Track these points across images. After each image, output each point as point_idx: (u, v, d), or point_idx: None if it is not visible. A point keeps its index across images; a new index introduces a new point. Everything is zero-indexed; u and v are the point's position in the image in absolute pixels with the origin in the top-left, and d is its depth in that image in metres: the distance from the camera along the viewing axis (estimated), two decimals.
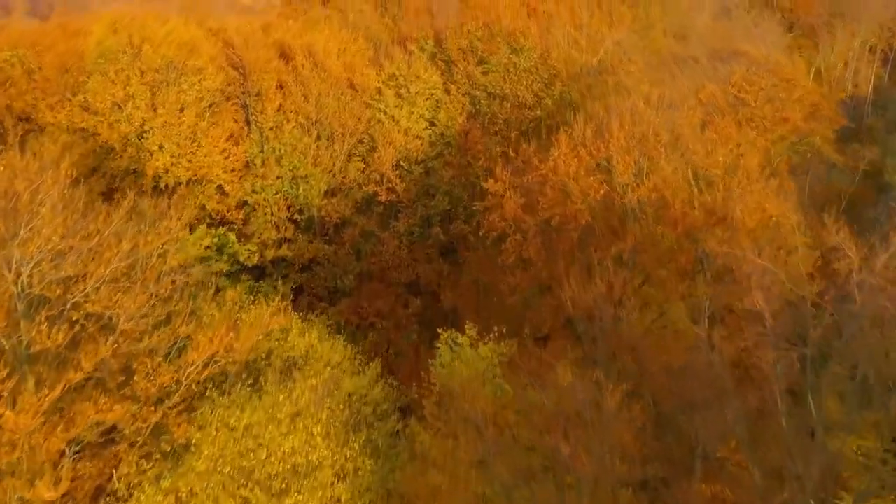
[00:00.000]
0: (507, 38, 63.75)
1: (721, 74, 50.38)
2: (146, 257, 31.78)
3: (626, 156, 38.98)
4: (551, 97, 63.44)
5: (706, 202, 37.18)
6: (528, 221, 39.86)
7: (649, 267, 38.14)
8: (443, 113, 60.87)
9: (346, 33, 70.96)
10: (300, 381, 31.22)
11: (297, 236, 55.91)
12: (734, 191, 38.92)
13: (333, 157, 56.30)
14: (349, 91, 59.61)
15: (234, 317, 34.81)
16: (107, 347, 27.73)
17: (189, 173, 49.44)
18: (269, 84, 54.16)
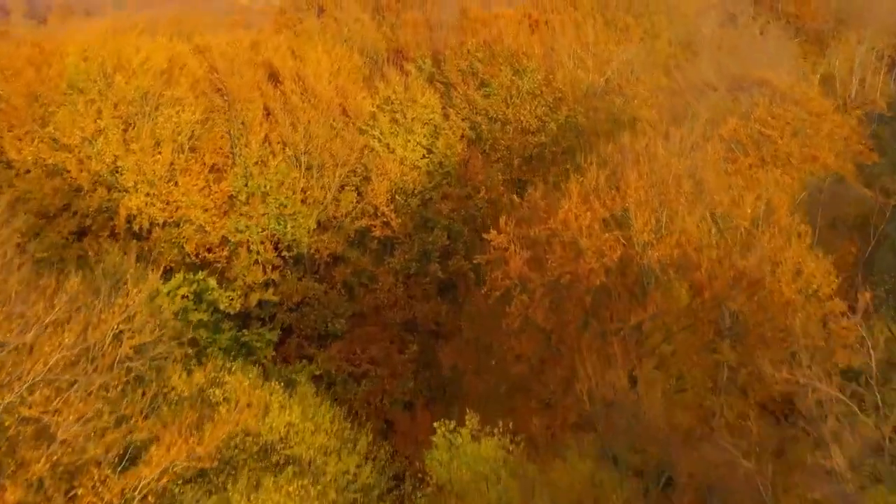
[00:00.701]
0: (510, 59, 58.73)
1: (743, 106, 45.44)
2: (97, 344, 26.96)
3: (644, 208, 34.14)
4: (556, 121, 58.53)
5: (735, 264, 32.32)
6: (535, 280, 35.03)
7: (672, 337, 33.35)
8: (441, 140, 55.94)
9: (340, 50, 66.05)
10: (273, 489, 26.41)
11: (286, 273, 51.14)
12: (765, 246, 34.18)
13: (324, 190, 51.45)
14: (341, 117, 54.72)
15: (200, 408, 29.95)
16: (41, 466, 22.93)
17: (165, 214, 44.61)
18: (254, 114, 49.20)
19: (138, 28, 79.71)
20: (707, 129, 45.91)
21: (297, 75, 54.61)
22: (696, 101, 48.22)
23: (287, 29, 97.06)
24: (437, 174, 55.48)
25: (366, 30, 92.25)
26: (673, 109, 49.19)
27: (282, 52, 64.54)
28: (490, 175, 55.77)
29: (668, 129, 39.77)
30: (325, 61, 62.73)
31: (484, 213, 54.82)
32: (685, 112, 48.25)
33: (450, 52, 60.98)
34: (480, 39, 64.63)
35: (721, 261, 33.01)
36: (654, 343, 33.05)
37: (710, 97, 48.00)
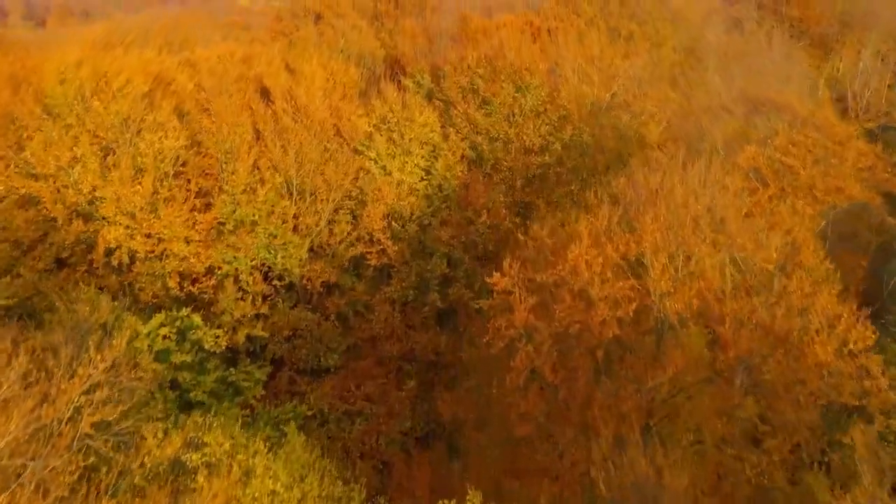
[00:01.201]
0: (512, 76, 55.36)
1: (760, 131, 42.14)
2: (54, 421, 23.73)
3: (662, 254, 30.90)
4: (560, 140, 55.18)
5: (762, 319, 29.07)
6: (542, 331, 31.76)
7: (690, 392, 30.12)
8: (440, 161, 52.66)
9: (335, 63, 62.73)
10: None
11: (277, 302, 47.95)
12: (792, 296, 30.97)
13: (317, 216, 48.17)
14: (335, 138, 51.42)
15: (176, 477, 26.77)
16: None
17: (147, 247, 41.29)
18: (243, 138, 45.82)
19: (129, 37, 76.55)
20: (724, 158, 42.62)
21: (289, 94, 51.27)
22: (710, 123, 44.85)
23: (283, 36, 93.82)
24: (436, 198, 52.25)
25: (363, 37, 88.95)
26: (685, 133, 45.83)
27: (275, 67, 61.33)
28: (492, 198, 52.46)
29: (684, 160, 36.33)
30: (320, 76, 59.52)
31: (485, 239, 51.61)
32: (698, 135, 44.87)
33: (449, 67, 57.58)
34: (481, 52, 61.28)
35: (745, 313, 29.75)
36: (672, 402, 29.80)
37: (724, 120, 44.61)
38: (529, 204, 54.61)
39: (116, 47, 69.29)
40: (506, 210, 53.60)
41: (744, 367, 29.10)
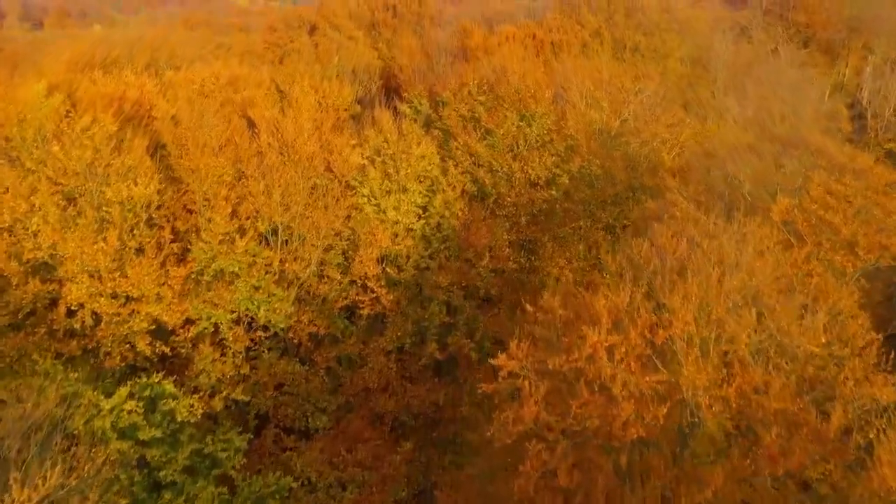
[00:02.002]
0: (516, 104, 50.38)
1: (790, 176, 37.21)
2: None
3: (694, 345, 26.06)
4: (568, 173, 50.24)
5: (817, 429, 24.23)
6: (556, 428, 26.90)
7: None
8: (439, 197, 47.73)
9: (328, 85, 57.83)
10: None
11: (261, 353, 43.21)
12: (845, 391, 26.16)
13: (304, 262, 43.32)
14: (326, 173, 46.48)
15: None
16: None
17: (113, 308, 36.38)
18: (220, 183, 40.85)
19: (114, 52, 71.54)
20: (751, 205, 37.72)
21: (275, 127, 46.26)
22: (730, 160, 39.92)
23: (277, 48, 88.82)
24: (435, 239, 47.38)
25: (360, 50, 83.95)
26: (707, 177, 40.83)
27: (263, 90, 56.41)
28: (495, 237, 47.59)
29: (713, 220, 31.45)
30: (310, 102, 54.72)
31: (488, 283, 46.82)
32: (721, 176, 39.93)
33: (449, 93, 52.58)
34: (482, 75, 56.34)
35: (796, 415, 24.91)
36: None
37: (747, 159, 39.67)
38: (535, 242, 49.82)
39: (97, 67, 64.43)
40: (509, 248, 48.85)
41: (796, 485, 24.33)
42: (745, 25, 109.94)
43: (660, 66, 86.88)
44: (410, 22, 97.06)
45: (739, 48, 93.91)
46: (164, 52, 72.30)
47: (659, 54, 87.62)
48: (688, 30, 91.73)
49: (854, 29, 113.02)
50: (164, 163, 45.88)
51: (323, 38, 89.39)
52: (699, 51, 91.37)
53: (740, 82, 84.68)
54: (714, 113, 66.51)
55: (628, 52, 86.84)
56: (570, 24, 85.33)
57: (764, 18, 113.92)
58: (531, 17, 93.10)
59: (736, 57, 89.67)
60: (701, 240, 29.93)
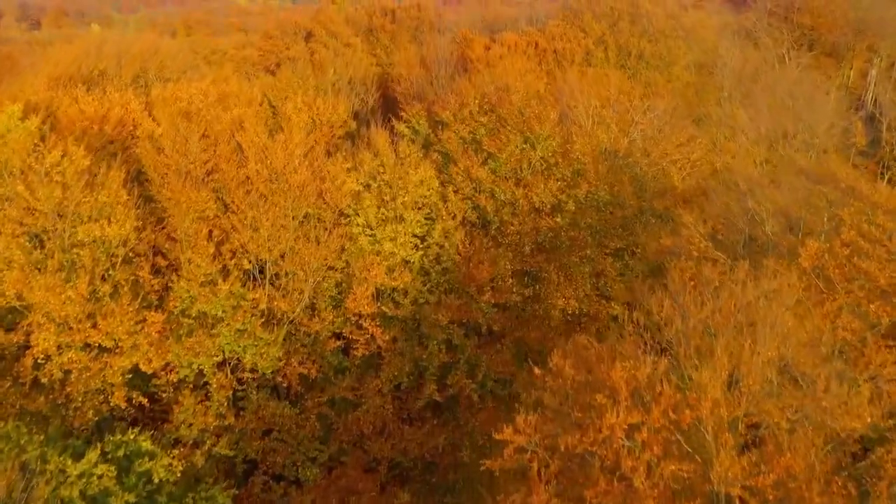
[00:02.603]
0: (519, 126, 46.99)
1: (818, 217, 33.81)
2: None
3: (724, 428, 22.77)
4: (574, 199, 46.85)
5: None
6: None
7: None
8: (438, 226, 44.42)
9: (322, 103, 54.40)
10: None
11: (249, 394, 39.91)
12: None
13: (294, 302, 39.98)
14: (318, 202, 43.09)
15: None
16: None
17: (84, 360, 33.06)
18: (203, 220, 37.45)
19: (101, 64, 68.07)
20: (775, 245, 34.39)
21: (264, 153, 42.85)
22: (753, 196, 36.53)
23: (272, 55, 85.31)
24: (434, 271, 44.10)
25: (356, 58, 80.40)
26: (726, 211, 37.43)
27: (254, 109, 52.99)
28: (498, 269, 44.30)
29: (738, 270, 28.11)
30: (302, 122, 51.40)
31: (490, 319, 43.50)
32: (742, 212, 36.54)
33: (448, 114, 49.16)
34: (483, 90, 52.99)
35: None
36: None
37: (771, 196, 36.27)
38: (539, 273, 46.47)
39: (82, 82, 61.03)
40: (512, 279, 45.57)
41: None
42: (751, 30, 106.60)
43: (665, 74, 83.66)
44: (409, 27, 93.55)
45: (746, 54, 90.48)
46: (153, 62, 68.74)
47: (664, 62, 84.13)
48: (693, 36, 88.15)
49: (860, 31, 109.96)
50: (145, 191, 42.60)
51: (319, 45, 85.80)
52: (705, 56, 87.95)
53: (748, 89, 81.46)
54: (725, 129, 63.05)
55: (633, 59, 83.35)
56: (573, 32, 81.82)
57: (768, 21, 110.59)
58: (533, 22, 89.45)
59: (743, 64, 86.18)
60: (726, 297, 26.61)
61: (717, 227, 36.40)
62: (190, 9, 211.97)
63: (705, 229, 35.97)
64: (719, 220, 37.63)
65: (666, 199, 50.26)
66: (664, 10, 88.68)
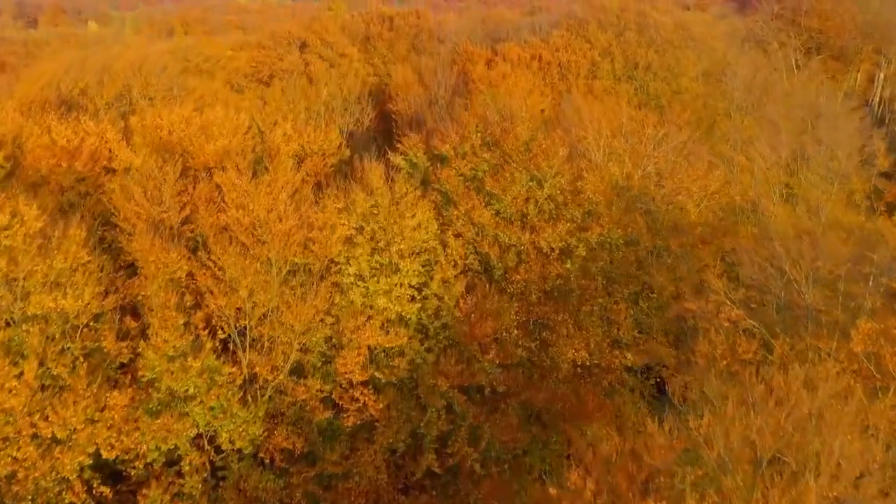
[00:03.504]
0: (525, 164, 42.32)
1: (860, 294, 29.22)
2: None
3: None
4: (585, 243, 42.23)
5: None
6: None
7: None
8: (437, 275, 39.84)
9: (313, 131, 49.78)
10: None
11: (229, 464, 35.39)
12: None
13: (277, 370, 35.41)
14: (305, 253, 38.43)
15: None
16: None
17: (33, 455, 28.51)
18: (169, 294, 32.75)
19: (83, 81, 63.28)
20: (816, 317, 29.77)
21: (245, 199, 38.13)
22: (788, 256, 31.88)
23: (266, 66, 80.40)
24: (432, 327, 39.52)
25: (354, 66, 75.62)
26: (762, 276, 32.74)
27: (239, 138, 48.27)
28: (503, 320, 39.78)
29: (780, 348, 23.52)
30: (292, 148, 46.77)
31: (494, 380, 38.96)
32: (776, 275, 31.89)
33: (448, 147, 44.42)
34: (485, 117, 48.30)
35: None
36: None
37: (808, 253, 31.62)
38: (547, 324, 41.90)
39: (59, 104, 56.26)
40: (518, 331, 41.05)
41: None
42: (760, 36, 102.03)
43: (673, 85, 78.96)
44: (408, 35, 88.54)
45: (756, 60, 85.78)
46: (138, 79, 63.86)
47: (672, 73, 79.26)
48: (703, 46, 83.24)
49: (868, 35, 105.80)
50: (115, 237, 38.04)
51: (314, 55, 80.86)
52: (715, 66, 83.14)
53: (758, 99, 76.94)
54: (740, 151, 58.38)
55: (640, 71, 78.49)
56: (577, 43, 76.89)
57: (775, 23, 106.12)
58: (536, 31, 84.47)
59: (753, 73, 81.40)
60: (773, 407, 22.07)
61: (750, 296, 31.75)
62: (188, 6, 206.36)
63: (736, 297, 31.35)
64: (748, 274, 32.97)
65: (683, 237, 45.81)
66: (672, 18, 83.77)
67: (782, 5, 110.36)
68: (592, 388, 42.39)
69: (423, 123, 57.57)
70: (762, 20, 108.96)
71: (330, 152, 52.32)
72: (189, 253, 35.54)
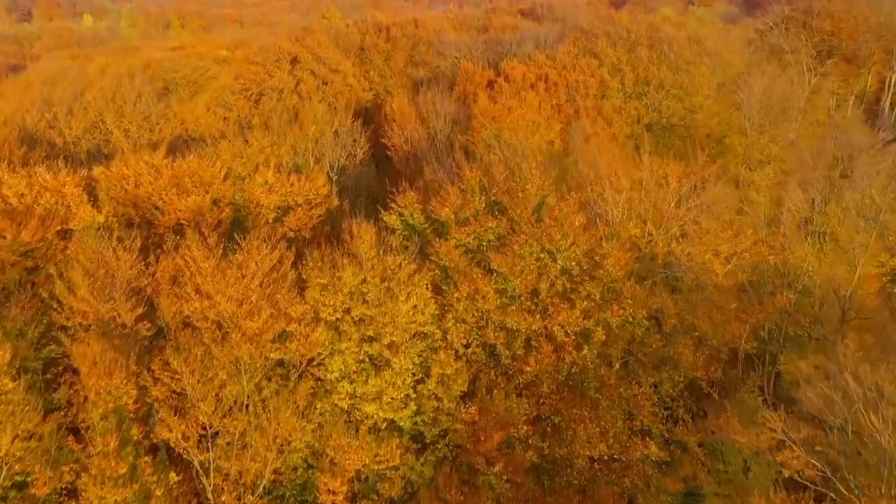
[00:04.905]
0: (537, 235, 35.89)
1: None
2: None
3: None
4: (604, 326, 35.92)
5: None
6: None
7: None
8: (435, 369, 33.63)
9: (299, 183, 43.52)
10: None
11: None
12: None
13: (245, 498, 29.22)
14: (282, 348, 32.11)
15: None
16: None
17: None
18: (109, 426, 26.45)
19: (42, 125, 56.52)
20: None
21: (210, 290, 31.73)
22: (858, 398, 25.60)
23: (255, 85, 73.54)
24: (429, 435, 33.34)
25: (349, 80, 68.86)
26: (822, 402, 26.41)
27: (215, 193, 41.90)
28: (511, 415, 33.61)
29: None
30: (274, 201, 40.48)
31: (500, 496, 32.79)
32: (841, 409, 25.60)
33: (448, 211, 37.88)
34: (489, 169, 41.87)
35: None
36: None
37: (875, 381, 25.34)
38: (560, 424, 35.65)
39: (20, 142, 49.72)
40: (528, 426, 34.85)
41: None
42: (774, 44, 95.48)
43: (687, 103, 72.24)
44: (405, 47, 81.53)
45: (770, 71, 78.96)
46: (112, 107, 57.13)
47: (686, 91, 72.49)
48: (717, 60, 76.46)
49: (882, 37, 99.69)
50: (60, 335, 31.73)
51: (305, 71, 73.96)
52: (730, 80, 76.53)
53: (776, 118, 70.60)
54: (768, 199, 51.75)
55: (652, 89, 71.71)
56: (585, 61, 70.00)
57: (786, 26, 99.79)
58: (540, 43, 77.52)
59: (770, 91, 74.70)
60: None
61: (815, 434, 25.47)
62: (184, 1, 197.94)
63: (798, 432, 25.09)
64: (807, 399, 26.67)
65: (710, 307, 39.50)
66: (685, 31, 76.83)
67: (793, 6, 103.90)
68: (611, 487, 36.27)
69: (420, 161, 51.02)
70: (772, 22, 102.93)
71: (317, 201, 45.90)
72: (146, 355, 29.20)
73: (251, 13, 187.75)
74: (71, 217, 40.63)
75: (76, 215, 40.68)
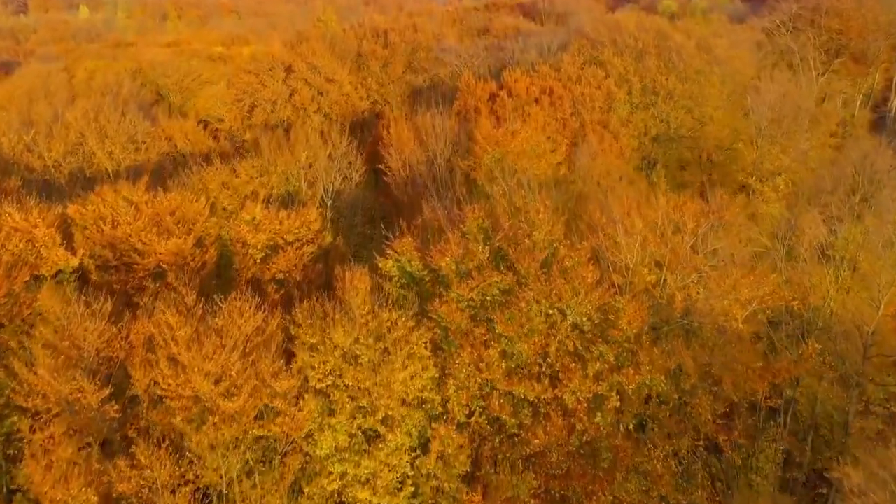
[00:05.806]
0: (546, 292, 32.30)
1: None
2: None
3: None
4: (618, 390, 32.43)
5: None
6: None
7: None
8: (435, 448, 30.18)
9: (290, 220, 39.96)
10: None
11: None
12: None
13: None
14: (265, 426, 28.60)
15: None
16: None
17: None
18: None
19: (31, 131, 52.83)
20: None
21: (185, 363, 28.17)
22: None
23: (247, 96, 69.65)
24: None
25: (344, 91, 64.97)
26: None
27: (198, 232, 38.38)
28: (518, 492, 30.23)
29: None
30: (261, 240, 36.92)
31: None
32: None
33: (449, 261, 34.22)
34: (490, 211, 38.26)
35: None
36: None
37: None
38: (571, 497, 32.27)
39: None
40: (536, 500, 31.46)
41: None
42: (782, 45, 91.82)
43: (696, 114, 68.43)
44: (404, 53, 77.48)
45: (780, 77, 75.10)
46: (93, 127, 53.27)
47: (696, 101, 68.66)
48: (727, 69, 72.50)
49: (891, 36, 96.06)
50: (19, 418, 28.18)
51: (300, 81, 70.01)
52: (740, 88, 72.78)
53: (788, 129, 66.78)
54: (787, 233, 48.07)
55: (661, 100, 67.84)
56: (591, 71, 66.05)
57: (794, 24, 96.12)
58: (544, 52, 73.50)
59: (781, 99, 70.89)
60: None
61: None
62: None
63: None
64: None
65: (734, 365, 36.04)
66: (695, 40, 72.72)
67: (801, 5, 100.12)
68: None
69: (419, 188, 47.36)
70: (780, 21, 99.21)
71: (308, 237, 42.25)
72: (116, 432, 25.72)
73: (248, 3, 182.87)
74: (42, 263, 37.05)
75: (48, 260, 37.12)
